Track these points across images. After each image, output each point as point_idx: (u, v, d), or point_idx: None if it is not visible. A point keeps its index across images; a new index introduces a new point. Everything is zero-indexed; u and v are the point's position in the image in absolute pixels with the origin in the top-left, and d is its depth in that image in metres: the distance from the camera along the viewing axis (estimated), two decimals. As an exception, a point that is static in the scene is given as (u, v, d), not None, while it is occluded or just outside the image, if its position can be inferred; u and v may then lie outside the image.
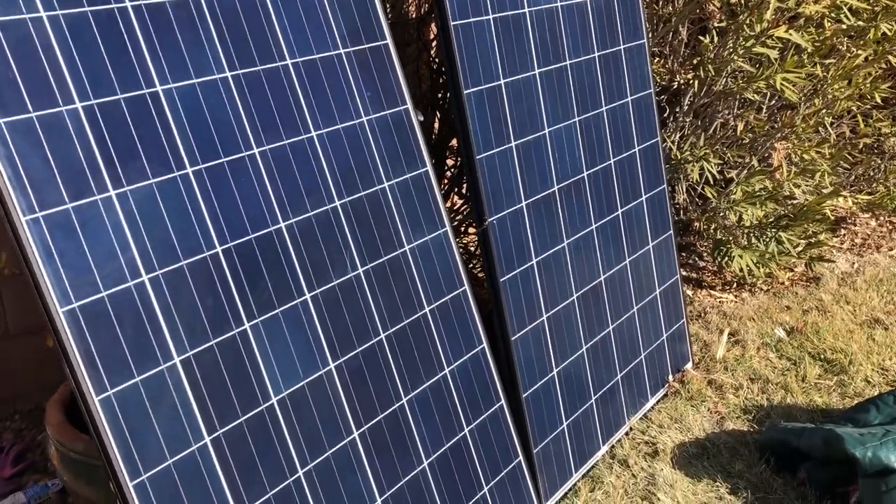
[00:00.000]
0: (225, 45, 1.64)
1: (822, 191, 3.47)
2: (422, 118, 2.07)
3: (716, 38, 3.09)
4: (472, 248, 3.16)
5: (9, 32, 1.35)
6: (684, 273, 3.64)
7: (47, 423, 2.10)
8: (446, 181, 2.94)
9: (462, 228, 3.09)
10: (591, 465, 2.39)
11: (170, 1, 1.57)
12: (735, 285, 3.59)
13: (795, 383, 2.78)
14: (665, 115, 3.29)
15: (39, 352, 2.62)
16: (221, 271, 1.58)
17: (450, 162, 2.94)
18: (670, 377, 2.79)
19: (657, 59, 3.25)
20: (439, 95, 2.72)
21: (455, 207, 3.07)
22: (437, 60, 2.72)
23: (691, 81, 3.14)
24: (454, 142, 2.82)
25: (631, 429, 2.56)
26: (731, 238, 3.44)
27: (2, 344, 2.63)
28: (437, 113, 2.74)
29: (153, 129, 1.51)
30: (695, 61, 3.13)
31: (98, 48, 1.46)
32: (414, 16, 2.63)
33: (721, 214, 3.38)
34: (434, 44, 2.71)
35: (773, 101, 3.41)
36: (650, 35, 3.06)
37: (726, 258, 3.39)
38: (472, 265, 3.10)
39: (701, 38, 3.10)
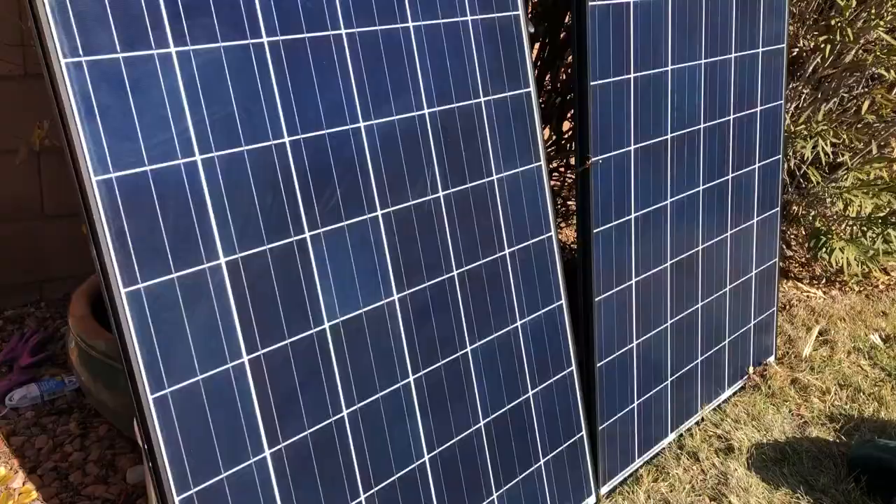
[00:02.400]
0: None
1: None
2: (532, 29, 1.79)
3: (854, 2, 2.72)
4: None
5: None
6: (769, 260, 3.31)
7: (70, 315, 1.91)
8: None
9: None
10: (657, 453, 2.14)
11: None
12: (825, 280, 3.26)
13: (891, 396, 2.48)
14: (782, 81, 2.94)
15: (75, 238, 2.43)
16: (286, 166, 1.34)
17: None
18: (751, 369, 2.51)
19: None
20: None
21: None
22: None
23: (822, 46, 2.78)
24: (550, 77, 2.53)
25: (703, 419, 2.29)
26: (830, 228, 3.11)
27: (36, 224, 2.44)
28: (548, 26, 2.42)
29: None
30: (832, 22, 2.77)
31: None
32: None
33: (829, 200, 3.05)
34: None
35: (907, 83, 3.04)
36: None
37: (823, 249, 3.06)
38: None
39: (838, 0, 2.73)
